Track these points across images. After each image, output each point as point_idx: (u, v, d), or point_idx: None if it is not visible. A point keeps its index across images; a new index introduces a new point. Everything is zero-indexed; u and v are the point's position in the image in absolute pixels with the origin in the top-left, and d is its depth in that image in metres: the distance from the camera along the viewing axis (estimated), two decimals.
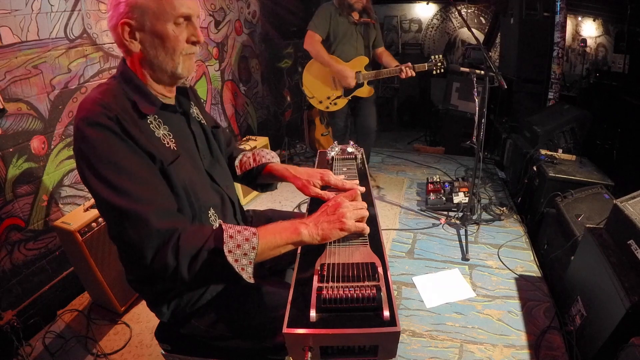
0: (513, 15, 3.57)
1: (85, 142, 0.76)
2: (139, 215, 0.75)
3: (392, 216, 2.73)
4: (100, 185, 0.75)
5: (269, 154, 1.25)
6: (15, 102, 1.61)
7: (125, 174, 0.76)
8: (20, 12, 1.58)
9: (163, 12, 0.81)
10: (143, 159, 0.80)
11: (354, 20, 2.61)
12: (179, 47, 0.85)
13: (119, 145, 0.77)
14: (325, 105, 2.76)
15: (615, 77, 3.56)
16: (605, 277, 1.38)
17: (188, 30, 0.87)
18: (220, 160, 1.09)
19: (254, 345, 0.93)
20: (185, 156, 0.91)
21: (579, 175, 2.25)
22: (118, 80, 0.87)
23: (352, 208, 0.86)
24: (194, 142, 0.98)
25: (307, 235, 0.82)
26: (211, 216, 0.96)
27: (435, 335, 1.71)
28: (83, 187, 1.99)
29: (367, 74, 2.65)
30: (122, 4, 0.81)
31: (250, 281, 0.79)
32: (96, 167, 0.76)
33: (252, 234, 0.80)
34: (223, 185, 1.04)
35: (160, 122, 0.89)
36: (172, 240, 0.75)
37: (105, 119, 0.77)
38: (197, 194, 0.91)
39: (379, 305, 0.65)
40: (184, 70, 0.89)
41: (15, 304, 1.68)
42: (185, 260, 0.75)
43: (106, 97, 0.81)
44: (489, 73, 2.08)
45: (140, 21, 0.81)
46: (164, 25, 0.82)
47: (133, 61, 0.87)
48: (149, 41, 0.84)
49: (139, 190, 0.77)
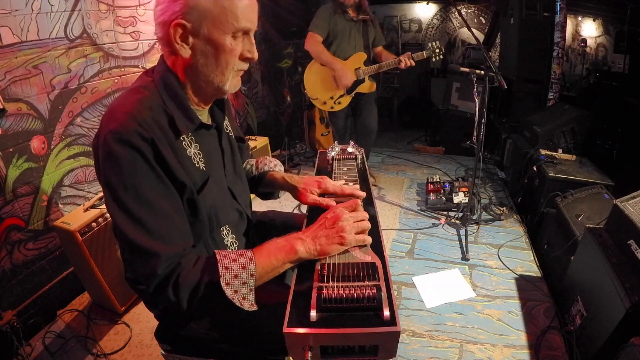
0: (513, 15, 3.57)
1: (110, 158, 0.71)
2: (150, 254, 0.72)
3: (392, 216, 2.73)
4: (118, 210, 0.72)
5: (272, 162, 1.23)
6: (15, 102, 1.61)
7: (145, 205, 0.72)
8: (20, 12, 1.58)
9: (224, 22, 0.75)
10: (168, 190, 0.76)
11: (351, 18, 2.63)
12: (232, 62, 0.80)
13: (146, 172, 0.72)
14: (330, 105, 2.76)
15: (615, 77, 3.57)
16: (605, 277, 1.38)
17: (244, 45, 0.81)
18: (242, 176, 1.07)
19: (253, 345, 0.93)
20: (213, 176, 0.88)
21: (579, 175, 2.25)
22: (157, 85, 0.80)
23: (353, 220, 0.82)
24: (221, 160, 0.95)
25: (304, 252, 0.78)
26: (224, 230, 0.95)
27: (435, 335, 1.71)
28: (83, 187, 1.99)
29: (367, 68, 2.67)
30: (179, 1, 0.73)
31: (252, 309, 0.76)
32: (117, 189, 0.71)
33: (248, 260, 0.77)
34: (242, 203, 1.02)
35: (192, 139, 0.84)
36: (172, 277, 0.73)
37: (138, 139, 0.71)
38: (218, 216, 0.90)
39: (379, 305, 0.65)
40: (231, 87, 0.84)
41: (15, 304, 1.67)
42: (185, 296, 0.73)
43: (144, 110, 0.74)
44: (489, 73, 2.08)
45: (196, 25, 0.74)
46: (222, 36, 0.76)
47: (175, 65, 0.81)
48: (201, 49, 0.77)
49: (156, 225, 0.73)
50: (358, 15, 2.65)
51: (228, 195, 0.97)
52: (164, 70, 0.82)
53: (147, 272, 0.73)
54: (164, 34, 0.77)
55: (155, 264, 0.72)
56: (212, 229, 0.90)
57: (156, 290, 0.74)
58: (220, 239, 0.95)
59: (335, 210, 0.85)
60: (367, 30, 2.71)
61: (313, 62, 2.70)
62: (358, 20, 2.66)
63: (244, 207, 1.03)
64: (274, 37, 3.76)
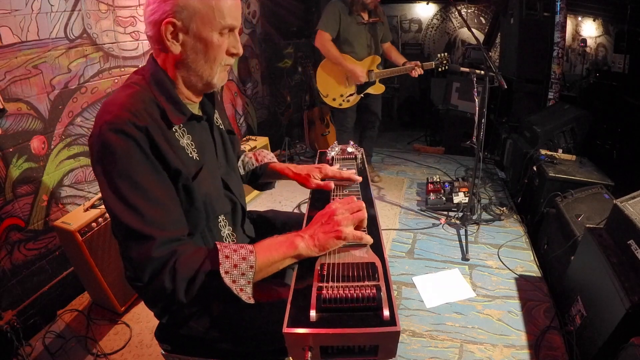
0: (513, 15, 3.57)
1: (105, 148, 0.73)
2: (145, 238, 0.73)
3: (392, 216, 2.73)
4: (112, 197, 0.74)
5: (268, 154, 1.28)
6: (15, 102, 1.61)
7: (140, 192, 0.74)
8: (20, 12, 1.58)
9: (211, 20, 0.79)
10: (162, 178, 0.78)
11: (362, 20, 2.66)
12: (220, 57, 0.84)
13: (140, 159, 0.75)
14: (339, 102, 2.82)
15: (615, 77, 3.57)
16: (605, 277, 1.38)
17: (229, 41, 0.85)
18: (234, 167, 1.09)
19: (253, 345, 0.93)
20: (207, 166, 0.90)
21: (579, 175, 2.25)
22: (148, 81, 0.84)
23: (348, 214, 0.83)
24: (214, 150, 0.97)
25: (304, 248, 0.79)
26: (221, 222, 0.97)
27: (435, 335, 1.71)
28: (83, 187, 1.99)
29: (379, 72, 2.74)
30: (169, 1, 0.77)
31: (249, 302, 0.77)
32: (112, 176, 0.73)
33: (249, 252, 0.78)
34: (236, 193, 1.03)
35: (185, 130, 0.88)
36: (169, 264, 0.74)
37: (132, 128, 0.74)
38: (213, 205, 0.91)
39: (379, 305, 0.65)
40: (219, 80, 0.88)
41: (15, 304, 1.68)
42: (182, 284, 0.74)
43: (136, 102, 0.77)
44: (489, 73, 2.08)
45: (186, 23, 0.78)
46: (210, 33, 0.80)
47: (166, 61, 0.84)
48: (191, 45, 0.81)
49: (151, 212, 0.74)
50: (369, 18, 2.70)
51: (221, 185, 0.99)
52: (154, 67, 0.85)
53: (141, 257, 0.73)
54: (154, 33, 0.80)
55: (150, 247, 0.73)
56: (208, 217, 0.91)
57: (152, 277, 0.74)
58: (217, 230, 0.96)
59: (331, 207, 0.87)
60: (376, 30, 2.75)
61: (326, 60, 2.75)
62: (368, 23, 2.70)
63: (238, 196, 1.04)
64: (274, 37, 3.76)
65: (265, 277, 0.81)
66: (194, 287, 0.75)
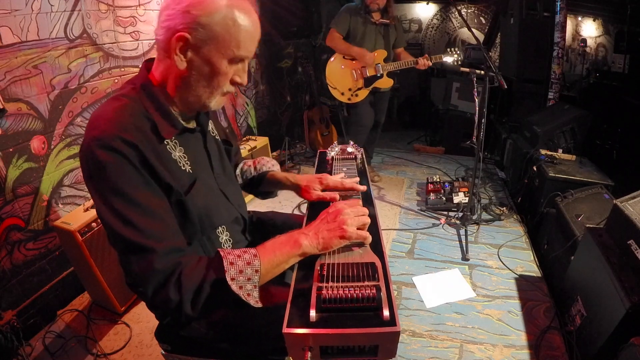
0: (513, 15, 3.57)
1: (95, 165, 0.72)
2: (145, 251, 0.72)
3: (392, 216, 2.73)
4: (109, 214, 0.73)
5: (269, 162, 1.25)
6: (15, 102, 1.61)
7: (134, 206, 0.73)
8: (20, 12, 1.58)
9: (226, 47, 0.77)
10: (155, 192, 0.77)
11: (373, 21, 2.74)
12: (222, 84, 0.82)
13: (132, 174, 0.73)
14: (347, 96, 2.88)
15: (615, 77, 3.56)
16: (605, 277, 1.38)
17: (236, 69, 0.83)
18: (232, 178, 1.08)
19: (253, 345, 0.93)
20: (201, 178, 0.89)
21: (579, 175, 2.25)
22: (138, 92, 0.81)
23: (354, 215, 0.83)
24: (208, 162, 0.96)
25: (308, 246, 0.79)
26: (219, 229, 0.96)
27: (435, 335, 1.71)
28: (83, 187, 1.99)
29: (386, 65, 2.80)
30: (191, 14, 0.73)
31: (257, 305, 0.76)
32: (105, 194, 0.72)
33: (252, 256, 0.77)
34: (236, 204, 1.03)
35: (177, 143, 0.86)
36: (174, 276, 0.73)
37: (121, 143, 0.72)
38: (210, 217, 0.90)
39: (378, 305, 0.65)
40: (216, 105, 0.86)
41: (15, 304, 1.67)
42: (188, 296, 0.73)
43: (124, 116, 0.75)
44: (489, 73, 2.09)
45: (199, 43, 0.76)
46: (220, 59, 0.78)
47: (168, 71, 0.81)
48: (197, 65, 0.78)
49: (149, 225, 0.73)
50: (381, 18, 2.75)
51: (221, 197, 0.98)
52: (147, 80, 0.83)
53: (144, 270, 0.72)
54: (164, 39, 0.77)
55: (152, 260, 0.72)
56: (204, 230, 0.90)
57: (156, 290, 0.73)
58: (215, 237, 0.96)
59: (337, 206, 0.87)
60: (388, 32, 2.82)
61: (336, 55, 2.83)
62: (379, 24, 2.76)
63: (238, 207, 1.04)
64: (274, 37, 3.75)
65: (271, 278, 0.80)
66: (201, 297, 0.74)
